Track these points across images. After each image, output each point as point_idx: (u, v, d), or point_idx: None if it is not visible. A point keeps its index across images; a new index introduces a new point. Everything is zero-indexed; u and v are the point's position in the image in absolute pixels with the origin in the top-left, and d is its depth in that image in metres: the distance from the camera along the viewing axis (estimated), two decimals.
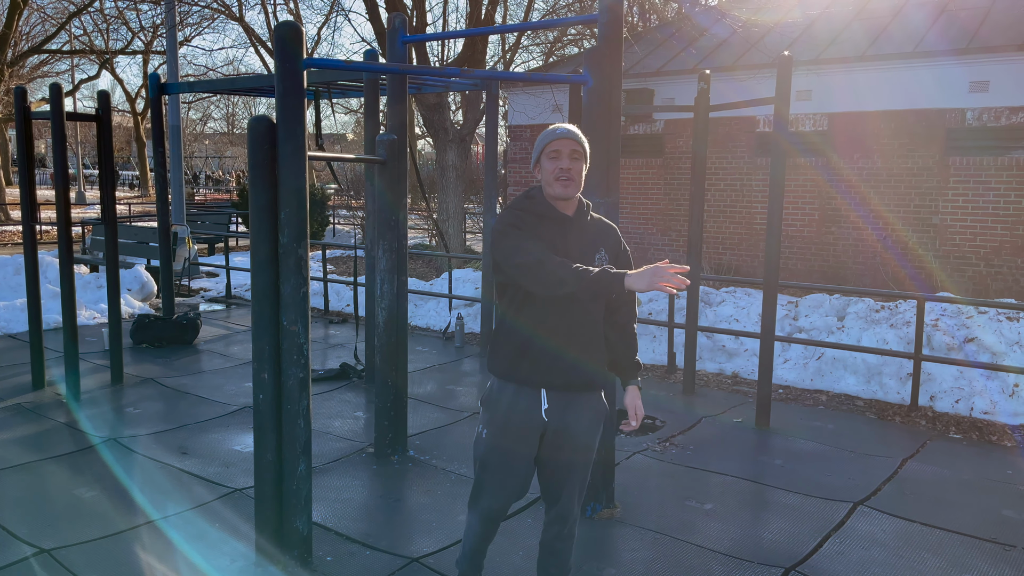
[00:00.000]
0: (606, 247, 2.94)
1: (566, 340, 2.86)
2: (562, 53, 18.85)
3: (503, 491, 2.99)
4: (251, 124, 3.49)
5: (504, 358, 2.91)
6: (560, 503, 3.00)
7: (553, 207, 2.87)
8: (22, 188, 6.60)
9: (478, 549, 3.20)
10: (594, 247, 2.90)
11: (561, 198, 2.84)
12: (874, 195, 11.40)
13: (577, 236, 2.88)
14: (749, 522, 4.29)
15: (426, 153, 35.16)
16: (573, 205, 2.91)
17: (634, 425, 2.98)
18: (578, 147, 2.84)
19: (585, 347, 2.89)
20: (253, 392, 3.60)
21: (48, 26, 27.80)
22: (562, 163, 2.81)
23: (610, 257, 2.93)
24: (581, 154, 2.85)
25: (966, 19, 11.38)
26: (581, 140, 2.86)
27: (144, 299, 10.66)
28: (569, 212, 2.90)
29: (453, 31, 11.27)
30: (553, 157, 2.83)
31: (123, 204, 24.93)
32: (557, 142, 2.83)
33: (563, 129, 2.86)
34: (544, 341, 2.85)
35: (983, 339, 6.65)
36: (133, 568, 3.68)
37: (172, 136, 13.62)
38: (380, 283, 5.05)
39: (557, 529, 3.05)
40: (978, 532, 4.18)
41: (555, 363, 2.86)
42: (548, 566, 3.14)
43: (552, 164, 2.82)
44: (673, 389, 6.92)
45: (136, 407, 6.15)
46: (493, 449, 2.95)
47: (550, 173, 2.83)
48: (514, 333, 2.89)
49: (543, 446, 2.94)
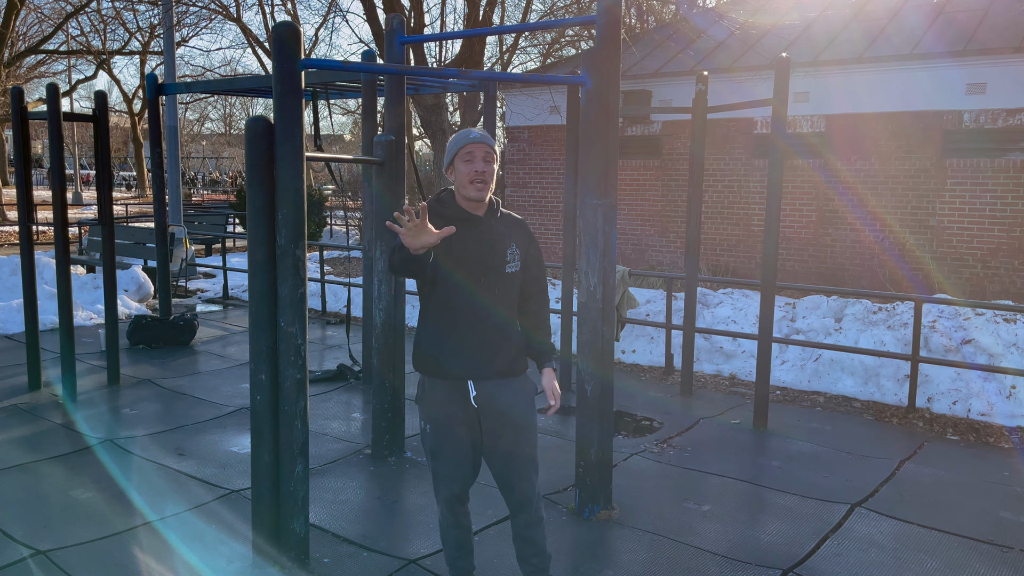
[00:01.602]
0: (516, 242, 3.10)
1: (483, 332, 3.01)
2: (560, 55, 18.86)
3: (458, 476, 3.11)
4: (249, 125, 3.48)
5: (425, 356, 3.07)
6: (516, 490, 3.13)
7: (463, 209, 3.02)
8: (18, 188, 6.58)
9: (460, 543, 3.27)
10: (504, 244, 3.05)
11: (475, 199, 2.99)
12: (871, 197, 11.42)
13: (487, 235, 3.02)
14: (747, 524, 4.29)
15: (424, 154, 35.16)
16: (484, 205, 3.05)
17: (553, 405, 3.13)
18: (491, 150, 3.00)
19: (502, 336, 3.05)
20: (250, 393, 3.59)
21: (45, 26, 27.78)
22: (476, 166, 2.95)
23: (521, 252, 3.10)
24: (494, 157, 3.01)
25: (963, 21, 11.41)
26: (493, 144, 3.02)
27: (141, 300, 10.63)
28: (480, 212, 3.05)
29: (451, 32, 11.29)
30: (467, 160, 2.96)
31: (120, 205, 24.87)
32: (471, 146, 2.97)
33: (476, 133, 3.01)
34: (462, 335, 3.01)
35: (980, 341, 6.66)
36: (130, 570, 3.67)
37: (169, 137, 13.60)
38: (377, 284, 5.04)
39: (524, 517, 3.17)
40: (976, 534, 4.18)
41: (475, 354, 3.01)
42: (528, 555, 3.23)
43: (467, 167, 2.96)
44: (671, 390, 6.92)
45: (133, 408, 6.13)
46: (438, 441, 3.09)
47: (464, 176, 2.96)
48: (434, 330, 3.06)
49: (484, 435, 3.08)
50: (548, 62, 18.34)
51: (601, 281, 4.17)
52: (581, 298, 4.23)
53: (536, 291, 3.19)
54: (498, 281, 3.03)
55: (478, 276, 3.00)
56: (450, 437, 3.07)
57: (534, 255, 3.17)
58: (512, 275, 3.07)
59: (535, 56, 22.58)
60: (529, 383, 3.15)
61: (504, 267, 3.04)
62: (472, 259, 2.98)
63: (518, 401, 3.08)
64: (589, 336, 4.21)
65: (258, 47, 18.60)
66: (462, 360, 3.01)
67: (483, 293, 3.00)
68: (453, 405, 3.05)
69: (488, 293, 3.01)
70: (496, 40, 20.70)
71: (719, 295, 8.59)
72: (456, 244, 2.96)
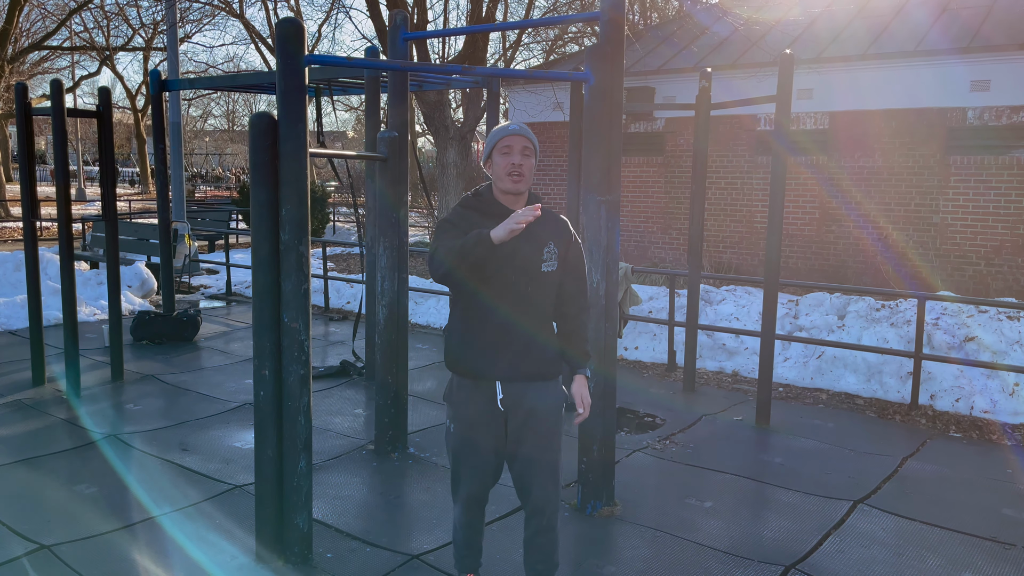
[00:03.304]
0: (555, 240, 3.01)
1: (514, 332, 2.94)
2: (563, 51, 18.84)
3: (478, 478, 3.08)
4: (252, 121, 3.49)
5: (456, 354, 3.02)
6: (533, 496, 3.07)
7: (500, 204, 2.97)
8: (23, 184, 6.59)
9: (470, 542, 3.25)
10: (542, 242, 2.98)
11: (511, 192, 2.94)
12: (875, 194, 11.40)
13: (524, 232, 2.93)
14: (749, 520, 4.29)
15: (427, 151, 35.15)
16: (522, 200, 3.00)
17: (581, 413, 3.05)
18: (529, 144, 2.94)
19: (534, 337, 2.98)
20: (254, 389, 3.60)
21: (49, 22, 27.81)
22: (513, 159, 2.91)
23: (560, 251, 3.02)
24: (532, 151, 2.96)
25: (968, 17, 11.37)
26: (532, 137, 2.97)
27: (144, 296, 10.65)
28: (517, 208, 2.98)
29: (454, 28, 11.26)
30: (505, 153, 2.92)
31: (123, 201, 24.91)
32: (509, 138, 2.93)
33: (515, 126, 2.96)
34: (492, 333, 2.95)
35: (983, 338, 6.65)
36: (133, 565, 3.68)
37: (172, 133, 13.61)
38: (381, 281, 5.05)
39: (536, 523, 3.11)
40: (978, 531, 4.18)
41: (505, 355, 2.95)
42: (534, 562, 3.17)
43: (504, 160, 2.92)
44: (673, 387, 6.92)
45: (136, 404, 6.15)
46: (462, 441, 3.05)
47: (502, 168, 2.92)
48: (461, 329, 3.01)
49: (508, 439, 3.03)
50: (551, 59, 18.32)
51: (604, 278, 4.18)
52: None
53: (575, 293, 3.08)
54: (532, 280, 2.94)
55: (511, 274, 2.91)
56: (473, 438, 3.02)
57: (574, 256, 3.06)
58: (548, 274, 2.97)
59: (538, 53, 22.56)
60: (559, 389, 3.07)
61: (540, 266, 2.94)
62: (506, 256, 2.88)
63: (545, 406, 3.01)
64: (592, 333, 4.21)
65: (261, 43, 18.60)
66: (490, 360, 2.95)
67: (517, 292, 2.92)
68: (479, 406, 2.99)
69: (522, 292, 2.92)
70: (499, 37, 20.68)
71: (722, 292, 8.58)
72: None
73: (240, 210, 18.37)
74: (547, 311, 3.03)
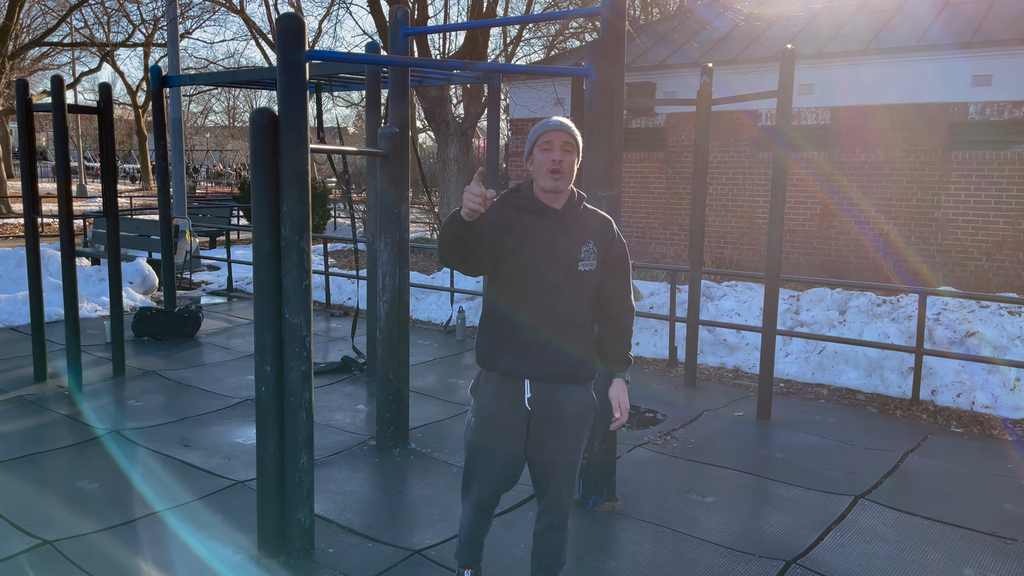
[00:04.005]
0: (595, 239, 2.91)
1: (548, 331, 2.86)
2: (564, 47, 18.81)
3: (491, 480, 3.00)
4: (253, 117, 3.49)
5: (487, 348, 2.94)
6: (549, 494, 3.01)
7: (539, 200, 2.88)
8: (24, 181, 6.59)
9: (474, 539, 3.22)
10: (581, 240, 2.88)
11: (551, 191, 2.84)
12: (876, 189, 11.39)
13: (561, 229, 2.87)
14: (750, 515, 4.29)
15: (428, 147, 35.13)
16: (563, 198, 2.90)
17: (618, 418, 2.98)
18: (570, 139, 2.83)
19: (568, 338, 2.88)
20: (255, 385, 3.60)
21: (49, 18, 27.77)
22: (554, 155, 2.80)
23: (599, 250, 2.91)
24: (573, 146, 2.84)
25: (970, 12, 11.35)
26: (574, 132, 2.85)
27: (146, 292, 10.66)
28: (557, 205, 2.89)
29: (455, 24, 11.25)
30: (545, 149, 2.82)
31: (124, 197, 24.91)
32: (550, 134, 2.82)
33: (556, 121, 2.85)
34: (525, 331, 2.86)
35: (985, 333, 6.65)
36: (136, 560, 3.69)
37: (173, 129, 13.60)
38: (382, 277, 5.05)
39: (548, 520, 3.06)
40: (979, 526, 4.19)
41: (536, 354, 2.86)
42: (541, 557, 3.15)
43: (544, 156, 2.82)
44: (674, 383, 6.92)
45: (138, 399, 6.16)
46: (480, 438, 2.97)
47: (542, 165, 2.82)
48: (496, 323, 2.92)
49: (529, 440, 2.94)
50: (552, 54, 18.29)
51: None
52: None
53: (618, 295, 2.97)
54: (568, 278, 2.85)
55: (546, 271, 2.83)
56: (493, 438, 2.94)
57: (616, 256, 2.95)
58: (586, 274, 2.87)
59: (539, 48, 22.53)
60: (589, 395, 2.98)
61: (576, 264, 2.85)
62: (542, 253, 2.81)
63: (572, 411, 2.92)
64: None
65: (262, 39, 18.60)
66: (520, 357, 2.86)
67: (551, 289, 2.83)
68: (505, 403, 2.90)
69: (556, 290, 2.83)
70: (500, 32, 20.66)
71: (723, 288, 8.58)
72: (527, 235, 2.83)
73: (241, 206, 18.37)
74: (585, 311, 2.93)
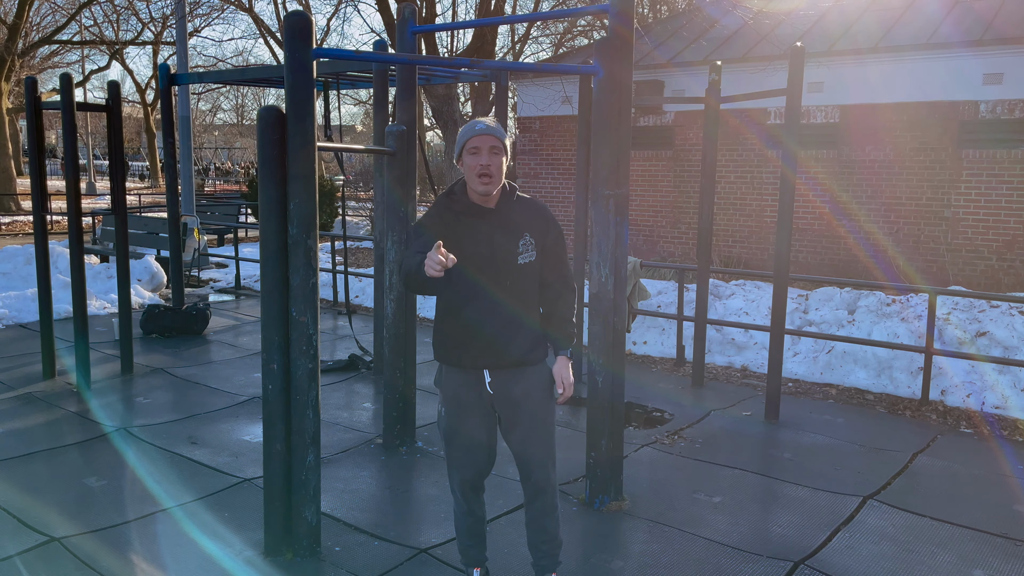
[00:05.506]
0: (532, 231, 3.04)
1: (496, 324, 2.99)
2: (572, 45, 18.77)
3: (470, 462, 3.16)
4: (261, 114, 3.49)
5: (444, 346, 3.09)
6: (533, 475, 3.15)
7: (473, 203, 3.00)
8: (33, 178, 6.62)
9: (471, 530, 3.31)
10: (518, 235, 3.02)
11: (483, 194, 2.96)
12: (886, 188, 11.33)
13: (498, 227, 2.99)
14: (758, 515, 4.28)
15: (435, 145, 35.13)
16: (495, 197, 3.02)
17: (562, 392, 3.11)
18: (497, 143, 2.93)
19: (516, 328, 3.02)
20: (262, 382, 3.60)
21: (58, 17, 27.91)
22: (481, 159, 2.91)
23: (536, 241, 3.05)
24: (501, 149, 2.94)
25: (981, 10, 11.27)
26: (500, 135, 2.95)
27: (154, 289, 10.69)
28: (491, 205, 3.02)
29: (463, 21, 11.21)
30: (473, 153, 2.92)
31: (133, 195, 24.98)
32: (476, 139, 2.91)
33: (482, 125, 2.94)
34: (475, 327, 3.00)
35: (995, 333, 6.61)
36: (143, 557, 3.70)
37: (182, 127, 13.64)
38: (388, 275, 5.05)
39: (540, 503, 3.19)
40: (989, 527, 4.16)
41: (488, 346, 3.01)
42: (539, 542, 3.25)
43: (473, 160, 2.92)
44: (682, 382, 6.90)
45: (146, 397, 6.18)
46: (453, 423, 3.13)
47: (471, 169, 2.93)
48: (449, 321, 3.06)
49: (501, 422, 3.13)
50: (560, 52, 18.27)
51: (612, 272, 4.16)
52: (592, 289, 4.22)
53: (555, 279, 3.13)
54: (509, 273, 3.00)
55: (488, 269, 2.98)
56: (464, 422, 3.10)
57: (552, 242, 3.10)
58: (525, 266, 3.03)
59: (547, 46, 22.49)
60: (546, 373, 3.14)
61: (516, 259, 3.00)
62: (482, 253, 2.97)
63: (532, 390, 3.09)
64: (600, 328, 4.20)
65: (270, 37, 18.61)
66: (475, 350, 3.02)
67: (494, 286, 2.99)
68: (469, 391, 3.08)
69: (499, 286, 2.99)
70: (508, 30, 20.64)
71: (731, 287, 8.55)
72: (466, 238, 2.96)
73: (249, 204, 18.42)
74: (529, 299, 3.08)
